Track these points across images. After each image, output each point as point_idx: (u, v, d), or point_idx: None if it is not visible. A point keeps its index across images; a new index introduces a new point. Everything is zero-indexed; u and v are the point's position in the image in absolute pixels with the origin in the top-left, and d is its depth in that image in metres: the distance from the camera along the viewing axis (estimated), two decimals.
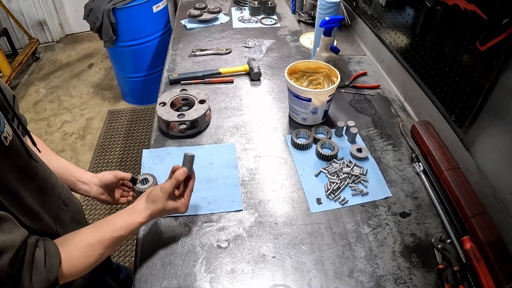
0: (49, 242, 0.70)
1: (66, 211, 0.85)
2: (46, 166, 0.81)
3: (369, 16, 1.55)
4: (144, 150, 1.11)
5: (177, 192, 0.85)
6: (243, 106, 1.30)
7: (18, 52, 3.52)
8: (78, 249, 0.73)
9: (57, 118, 2.94)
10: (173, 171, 0.86)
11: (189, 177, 0.86)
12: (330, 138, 1.13)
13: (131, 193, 1.08)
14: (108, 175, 0.99)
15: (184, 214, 0.93)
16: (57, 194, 0.84)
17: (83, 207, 0.98)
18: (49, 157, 0.95)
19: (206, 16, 1.88)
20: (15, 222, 0.64)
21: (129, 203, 1.06)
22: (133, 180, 1.00)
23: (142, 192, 0.96)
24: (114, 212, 2.13)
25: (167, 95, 1.23)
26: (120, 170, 2.40)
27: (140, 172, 1.04)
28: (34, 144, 0.81)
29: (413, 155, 1.08)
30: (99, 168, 2.45)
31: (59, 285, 0.69)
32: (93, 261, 0.74)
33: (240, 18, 1.94)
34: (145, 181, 0.99)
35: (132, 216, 0.79)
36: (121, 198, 1.06)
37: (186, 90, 1.25)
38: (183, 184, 0.87)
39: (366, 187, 1.00)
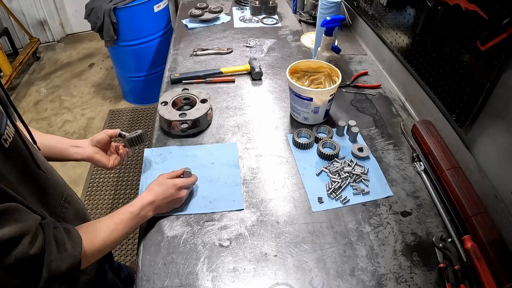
0: (66, 224, 0.73)
1: (68, 209, 0.86)
2: (48, 165, 0.82)
3: (370, 16, 1.55)
4: (145, 149, 1.12)
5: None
6: (245, 105, 1.31)
7: (19, 52, 3.52)
8: (95, 229, 0.77)
9: (58, 118, 2.94)
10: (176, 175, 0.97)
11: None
12: (331, 138, 1.13)
13: (120, 146, 1.10)
14: (99, 134, 1.03)
15: (185, 213, 0.93)
16: (59, 192, 0.85)
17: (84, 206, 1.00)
18: (40, 135, 0.96)
19: (207, 15, 1.88)
20: (26, 209, 0.65)
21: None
22: (122, 135, 1.05)
23: (130, 139, 1.02)
24: (116, 208, 2.15)
25: (168, 95, 1.23)
26: (120, 169, 2.41)
27: (141, 173, 1.06)
28: (34, 142, 0.80)
29: (414, 154, 1.08)
30: (99, 168, 2.45)
31: (73, 276, 0.70)
32: (111, 240, 0.79)
33: (241, 18, 1.95)
34: (134, 133, 1.04)
35: (137, 197, 0.88)
36: (115, 161, 1.06)
37: (187, 89, 1.25)
38: None
39: (367, 186, 1.00)
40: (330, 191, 0.98)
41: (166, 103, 1.19)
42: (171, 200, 0.90)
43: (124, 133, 1.05)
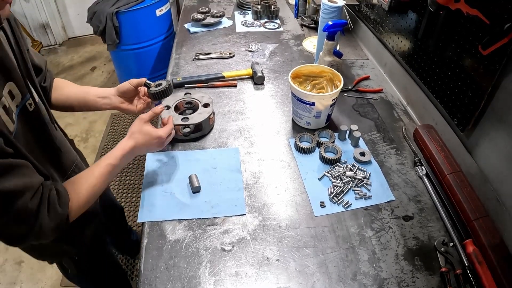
0: (59, 185, 0.81)
1: (78, 173, 0.96)
2: (63, 137, 1.01)
3: (371, 20, 1.56)
4: (147, 154, 1.12)
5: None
6: (247, 109, 1.31)
7: None
8: (79, 187, 0.85)
9: (59, 121, 2.90)
10: (163, 123, 1.07)
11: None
12: (333, 142, 1.14)
13: (145, 97, 1.15)
14: (125, 84, 1.09)
15: (187, 218, 0.93)
16: (71, 158, 1.03)
17: None
18: (71, 88, 1.11)
19: (209, 20, 1.89)
20: (33, 169, 0.74)
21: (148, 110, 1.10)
22: (147, 85, 1.09)
23: (155, 93, 1.04)
24: (123, 180, 2.15)
25: (171, 99, 1.24)
26: (123, 173, 2.42)
27: (143, 176, 1.06)
28: (51, 117, 0.95)
29: (416, 158, 1.08)
30: None
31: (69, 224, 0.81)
32: (94, 195, 0.88)
33: (243, 22, 1.96)
34: (159, 85, 1.07)
35: (118, 145, 0.95)
36: (140, 105, 1.15)
37: (190, 93, 1.26)
38: None
39: (369, 190, 1.01)
40: (332, 195, 0.98)
41: (168, 107, 1.20)
42: (151, 147, 0.99)
43: (149, 82, 1.08)
